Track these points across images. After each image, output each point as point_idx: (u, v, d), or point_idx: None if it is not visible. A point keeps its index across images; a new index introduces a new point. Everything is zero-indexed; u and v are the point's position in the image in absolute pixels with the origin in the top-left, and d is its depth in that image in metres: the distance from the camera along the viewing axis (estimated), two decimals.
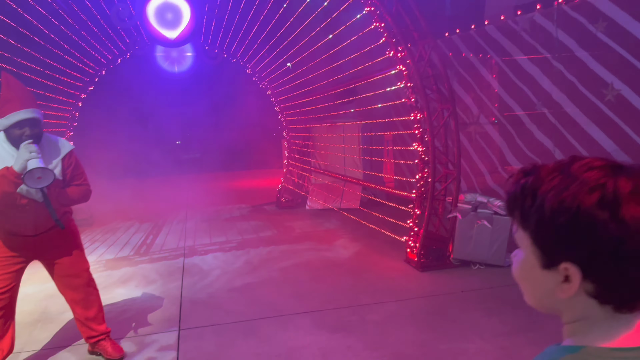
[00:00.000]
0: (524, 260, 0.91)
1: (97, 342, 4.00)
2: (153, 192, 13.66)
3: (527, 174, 0.88)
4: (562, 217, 0.79)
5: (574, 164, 0.83)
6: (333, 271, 5.97)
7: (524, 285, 0.93)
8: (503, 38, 7.42)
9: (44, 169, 3.29)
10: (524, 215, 0.87)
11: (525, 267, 0.91)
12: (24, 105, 3.43)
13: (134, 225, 9.25)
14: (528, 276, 0.91)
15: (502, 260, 5.72)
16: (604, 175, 0.79)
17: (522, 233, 0.89)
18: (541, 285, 0.88)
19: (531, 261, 0.88)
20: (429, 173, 5.82)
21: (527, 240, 0.88)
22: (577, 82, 6.25)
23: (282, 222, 8.94)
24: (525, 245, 0.89)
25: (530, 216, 0.85)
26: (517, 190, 0.88)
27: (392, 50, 5.80)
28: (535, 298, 0.92)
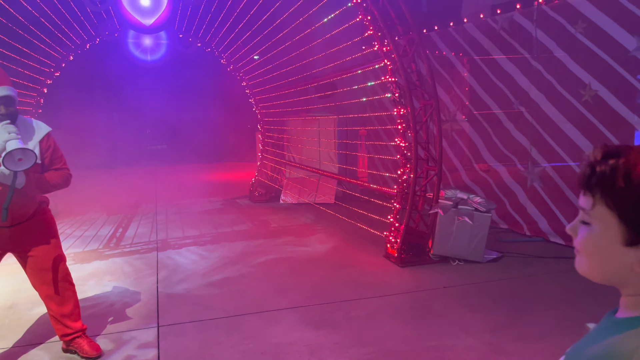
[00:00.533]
0: (600, 235, 0.92)
1: (72, 340, 3.80)
2: (119, 183, 13.25)
3: (609, 155, 0.91)
4: None
5: None
6: (313, 266, 5.90)
7: (594, 258, 0.94)
8: (482, 36, 7.48)
9: (25, 150, 3.09)
10: (615, 196, 0.88)
11: (602, 242, 0.92)
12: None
13: (101, 217, 8.93)
14: (603, 250, 0.92)
15: (480, 256, 5.78)
16: None
17: (605, 210, 0.90)
18: (617, 259, 0.90)
19: (611, 237, 0.90)
20: (411, 169, 5.81)
21: (613, 218, 0.89)
22: (555, 82, 6.37)
23: (257, 215, 8.80)
24: (607, 222, 0.90)
25: (624, 198, 0.87)
26: (606, 172, 0.89)
27: (378, 44, 5.75)
28: (604, 270, 0.94)
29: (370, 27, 5.71)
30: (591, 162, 0.93)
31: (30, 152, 3.12)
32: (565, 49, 6.17)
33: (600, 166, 0.91)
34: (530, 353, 3.73)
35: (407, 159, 5.90)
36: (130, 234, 7.71)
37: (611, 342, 0.88)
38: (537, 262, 5.80)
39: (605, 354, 0.86)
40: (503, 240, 6.67)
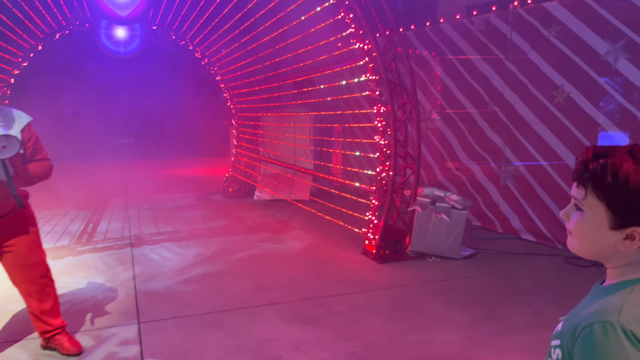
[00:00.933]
0: (589, 221, 1.14)
1: (52, 337, 3.70)
2: (86, 177, 12.90)
3: (599, 155, 1.10)
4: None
5: None
6: (291, 262, 5.91)
7: (585, 240, 1.17)
8: (458, 37, 7.62)
9: (9, 137, 3.03)
10: (604, 189, 1.09)
11: (591, 226, 1.14)
12: None
13: (70, 212, 8.70)
14: (592, 233, 1.14)
15: (456, 253, 5.90)
16: None
17: (594, 201, 1.11)
18: (604, 240, 1.12)
19: (599, 222, 1.12)
20: (390, 166, 5.88)
21: (601, 207, 1.11)
22: (529, 83, 6.54)
23: (231, 212, 8.74)
24: (596, 210, 1.12)
25: (611, 191, 1.08)
26: (596, 168, 1.09)
27: (359, 41, 5.78)
28: (592, 249, 1.17)
29: (352, 24, 5.74)
30: (584, 160, 1.13)
31: (14, 138, 3.05)
32: (539, 51, 6.34)
33: (592, 164, 1.11)
34: (508, 346, 3.84)
35: (387, 156, 5.97)
36: (102, 229, 7.54)
37: (602, 302, 1.09)
38: (510, 259, 5.96)
39: (600, 310, 1.06)
40: (476, 237, 6.82)
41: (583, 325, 1.07)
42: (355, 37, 5.83)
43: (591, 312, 1.08)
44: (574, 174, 1.17)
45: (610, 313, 1.04)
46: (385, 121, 5.92)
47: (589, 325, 1.05)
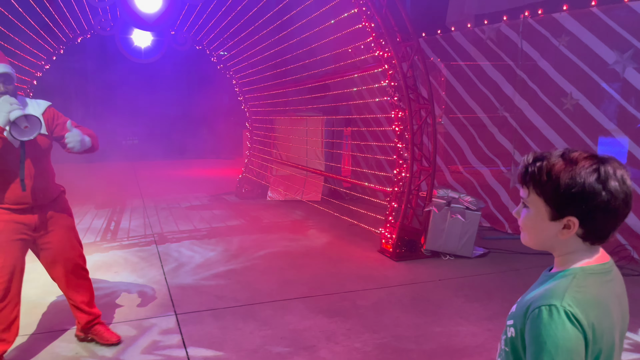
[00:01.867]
0: (534, 215, 1.33)
1: (92, 327, 3.91)
2: (100, 177, 13.15)
3: (538, 159, 1.31)
4: (574, 189, 1.23)
5: (571, 154, 1.27)
6: (312, 260, 6.17)
7: (531, 232, 1.37)
8: (469, 45, 7.90)
9: (29, 116, 3.12)
10: (541, 186, 1.29)
11: (535, 220, 1.33)
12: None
13: (90, 210, 8.94)
14: (536, 225, 1.34)
15: (470, 252, 6.17)
16: (595, 162, 1.24)
17: (536, 197, 1.31)
18: (545, 231, 1.32)
19: (541, 215, 1.31)
20: (407, 168, 6.15)
21: (540, 202, 1.30)
22: (539, 90, 6.83)
23: (247, 211, 8.99)
24: (537, 205, 1.31)
25: (546, 187, 1.28)
26: (534, 170, 1.30)
27: (379, 49, 6.06)
28: (538, 240, 1.36)
29: (373, 33, 6.01)
30: (525, 164, 1.34)
31: (34, 117, 3.13)
32: (549, 59, 6.63)
33: (531, 167, 1.32)
34: None
35: (404, 159, 6.24)
36: (124, 227, 7.79)
37: (549, 287, 1.28)
38: (521, 258, 6.23)
39: (546, 294, 1.24)
40: (486, 237, 7.10)
41: (532, 307, 1.23)
42: (375, 45, 6.10)
43: (539, 295, 1.25)
44: (518, 177, 1.36)
45: (555, 297, 1.21)
46: (403, 125, 6.20)
47: (537, 307, 1.21)
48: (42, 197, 3.52)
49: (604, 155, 1.27)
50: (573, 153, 1.27)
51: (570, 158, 1.26)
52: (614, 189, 1.22)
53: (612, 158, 1.27)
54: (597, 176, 1.22)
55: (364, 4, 5.90)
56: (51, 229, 3.60)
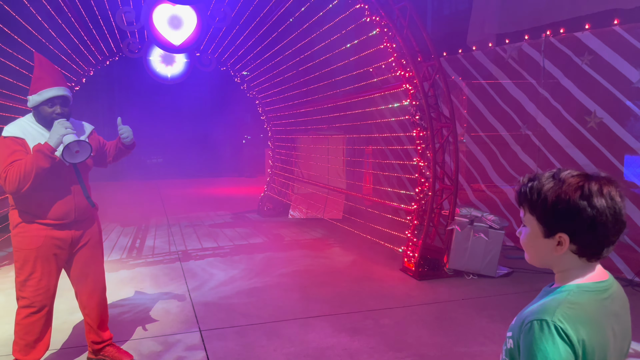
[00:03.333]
0: (530, 234, 1.40)
1: (103, 348, 3.93)
2: (125, 195, 13.42)
3: (531, 180, 1.39)
4: (560, 206, 1.30)
5: (561, 174, 1.34)
6: (334, 278, 6.19)
7: (531, 250, 1.43)
8: (490, 64, 7.93)
9: (81, 142, 3.29)
10: (532, 205, 1.37)
11: (532, 238, 1.40)
12: (56, 83, 3.46)
13: (116, 228, 9.11)
14: (534, 243, 1.40)
15: (493, 271, 6.11)
16: (581, 180, 1.30)
17: (530, 216, 1.39)
18: (542, 248, 1.38)
19: (536, 233, 1.38)
20: (429, 187, 6.16)
21: (534, 220, 1.37)
22: (562, 109, 6.80)
23: (269, 229, 9.07)
24: (532, 224, 1.39)
25: (537, 205, 1.35)
26: (527, 190, 1.38)
27: (400, 69, 6.13)
28: (538, 257, 1.42)
29: (394, 53, 6.09)
30: (520, 186, 1.42)
31: (86, 143, 3.32)
32: (572, 78, 6.61)
33: (524, 187, 1.39)
34: None
35: (426, 177, 6.25)
36: (149, 244, 7.92)
37: (543, 302, 1.33)
38: (545, 278, 6.15)
39: (540, 309, 1.30)
40: (510, 257, 7.02)
41: (526, 321, 1.29)
42: (396, 65, 6.18)
43: (534, 310, 1.31)
44: (515, 197, 1.45)
45: (548, 312, 1.27)
46: (425, 144, 6.23)
47: (530, 321, 1.28)
48: (83, 213, 3.66)
49: (595, 173, 1.33)
50: (563, 172, 1.34)
51: (559, 177, 1.33)
52: (600, 205, 1.26)
53: (603, 176, 1.32)
54: (581, 193, 1.27)
55: (385, 25, 6.00)
56: (84, 244, 3.71)
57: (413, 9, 6.02)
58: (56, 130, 3.28)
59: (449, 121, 6.15)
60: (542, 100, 7.07)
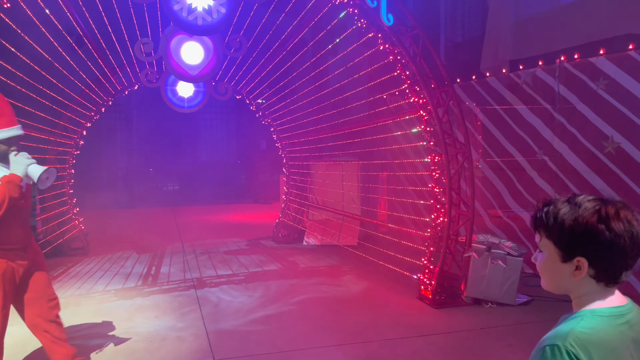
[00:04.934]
0: (547, 259, 1.40)
1: None
2: (141, 222, 13.52)
3: (546, 205, 1.41)
4: (577, 229, 1.31)
5: (576, 198, 1.35)
6: (349, 306, 6.11)
7: (547, 275, 1.43)
8: (504, 89, 7.93)
9: (49, 169, 3.54)
10: (549, 230, 1.37)
11: (549, 263, 1.40)
12: (15, 122, 3.65)
13: (132, 255, 9.15)
14: (551, 268, 1.40)
15: (513, 299, 5.99)
16: (597, 204, 1.32)
17: (547, 241, 1.39)
18: (560, 273, 1.38)
19: (553, 258, 1.38)
20: (445, 213, 6.11)
21: (551, 245, 1.38)
22: (578, 134, 6.74)
23: (283, 256, 9.03)
24: (549, 248, 1.39)
25: (554, 230, 1.36)
26: (542, 215, 1.40)
27: (414, 96, 6.16)
28: (555, 283, 1.42)
29: (408, 81, 6.13)
30: (536, 210, 1.43)
31: (53, 169, 3.58)
32: (588, 103, 6.57)
33: (540, 213, 1.41)
34: None
35: (441, 204, 6.21)
36: (165, 271, 7.93)
37: (558, 327, 1.34)
38: (566, 306, 5.96)
39: (553, 334, 1.30)
40: (530, 284, 6.88)
41: (540, 346, 1.30)
42: (410, 92, 6.21)
43: (549, 335, 1.31)
44: (531, 222, 1.45)
45: (560, 337, 1.27)
46: (440, 170, 6.20)
47: (543, 346, 1.28)
48: (29, 237, 3.81)
49: (610, 198, 1.34)
50: (578, 197, 1.35)
51: (575, 201, 1.35)
52: (618, 229, 1.27)
53: (618, 200, 1.34)
54: (599, 216, 1.29)
55: (398, 52, 6.06)
56: (36, 264, 3.82)
57: (426, 36, 6.09)
58: (20, 162, 3.50)
59: (463, 147, 6.13)
60: (558, 126, 7.02)
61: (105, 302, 6.35)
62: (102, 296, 6.59)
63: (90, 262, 8.54)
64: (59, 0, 6.22)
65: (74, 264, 8.36)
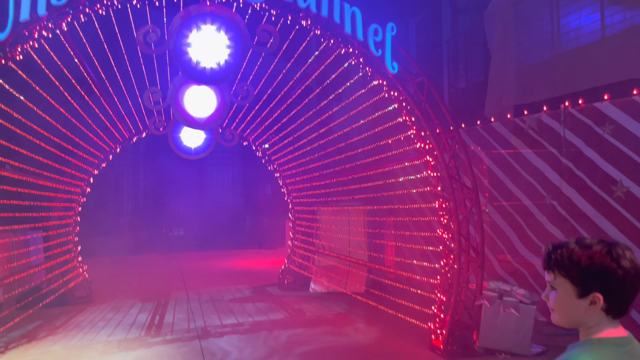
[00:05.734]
0: (563, 295, 1.55)
1: None
2: (145, 269, 13.38)
3: (557, 247, 1.57)
4: (593, 268, 1.48)
5: (584, 241, 1.53)
6: (358, 357, 5.93)
7: (562, 311, 1.57)
8: (509, 134, 7.95)
9: None
10: (565, 269, 1.53)
11: (564, 299, 1.54)
12: None
13: (136, 304, 9.00)
14: (566, 304, 1.54)
15: (527, 349, 5.80)
16: (605, 246, 1.50)
17: (562, 279, 1.54)
18: (575, 308, 1.53)
19: (569, 294, 1.53)
20: (455, 260, 6.00)
21: (567, 283, 1.53)
22: (586, 178, 6.70)
23: (289, 304, 8.85)
24: (564, 286, 1.54)
25: (571, 269, 1.52)
26: (557, 257, 1.55)
27: (420, 142, 6.18)
28: (569, 317, 1.56)
29: (413, 126, 6.17)
30: (548, 252, 1.59)
31: None
32: (595, 147, 6.56)
33: (554, 254, 1.57)
34: None
35: (450, 250, 6.11)
36: (168, 320, 7.76)
37: (568, 354, 1.51)
38: None
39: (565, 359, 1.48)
40: (546, 333, 6.67)
41: None
42: (416, 137, 6.23)
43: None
44: (543, 264, 1.60)
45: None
46: (448, 215, 6.14)
47: None
48: None
49: (613, 241, 1.53)
50: (586, 240, 1.53)
51: (585, 244, 1.52)
52: (627, 266, 1.47)
53: (618, 242, 1.52)
54: (611, 257, 1.48)
55: (403, 99, 6.12)
56: None
57: (431, 83, 6.16)
58: None
59: (471, 192, 6.09)
60: (566, 170, 6.99)
61: (108, 353, 6.20)
62: (105, 347, 6.43)
63: (93, 311, 8.39)
64: (69, 50, 6.35)
65: (77, 313, 8.22)
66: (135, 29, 5.85)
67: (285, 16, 5.81)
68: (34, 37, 5.06)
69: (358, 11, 5.88)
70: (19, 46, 4.99)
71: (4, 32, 4.53)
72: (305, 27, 5.88)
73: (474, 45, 12.00)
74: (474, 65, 12.14)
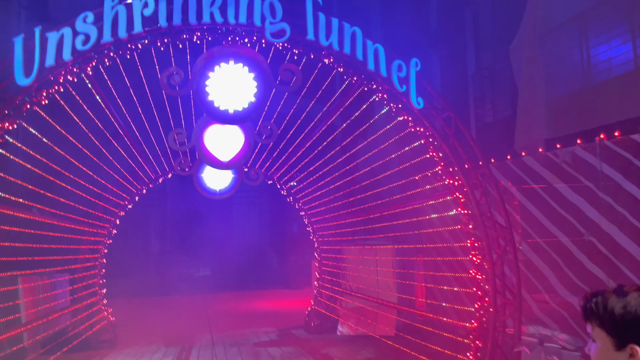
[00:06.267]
0: (602, 348, 1.46)
1: None
2: (170, 311, 13.23)
3: (594, 296, 1.50)
4: (627, 317, 1.40)
5: (622, 289, 1.45)
6: None
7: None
8: (542, 168, 7.66)
9: None
10: (601, 319, 1.45)
11: (604, 352, 1.46)
12: None
13: (160, 349, 8.81)
14: (606, 358, 1.45)
15: None
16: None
17: (599, 330, 1.46)
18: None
19: (607, 347, 1.44)
20: (490, 302, 5.68)
21: (604, 334, 1.44)
22: (627, 214, 6.33)
23: (316, 349, 8.54)
24: (602, 338, 1.45)
25: (605, 319, 1.44)
26: (593, 306, 1.48)
27: (448, 178, 5.97)
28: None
29: (441, 162, 5.97)
30: (584, 302, 1.52)
31: None
32: (635, 181, 6.22)
33: (589, 304, 1.50)
34: None
35: (485, 291, 5.79)
36: None
37: None
38: None
39: None
40: None
41: None
42: (444, 174, 6.03)
43: None
44: (581, 314, 1.53)
45: None
46: (481, 255, 5.85)
47: None
48: None
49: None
50: (625, 287, 1.45)
51: (622, 291, 1.44)
52: None
53: None
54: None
55: (430, 135, 5.96)
56: None
57: (458, 118, 5.99)
58: None
59: (505, 230, 5.81)
60: (604, 205, 6.64)
61: None
62: None
63: (116, 356, 8.24)
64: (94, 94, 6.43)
65: (100, 359, 8.06)
66: (159, 71, 5.90)
67: (307, 55, 5.78)
68: (59, 82, 5.12)
69: (381, 48, 5.81)
70: (44, 91, 5.05)
71: (29, 77, 4.58)
72: (328, 64, 5.83)
73: (499, 79, 11.85)
74: (501, 99, 11.95)
